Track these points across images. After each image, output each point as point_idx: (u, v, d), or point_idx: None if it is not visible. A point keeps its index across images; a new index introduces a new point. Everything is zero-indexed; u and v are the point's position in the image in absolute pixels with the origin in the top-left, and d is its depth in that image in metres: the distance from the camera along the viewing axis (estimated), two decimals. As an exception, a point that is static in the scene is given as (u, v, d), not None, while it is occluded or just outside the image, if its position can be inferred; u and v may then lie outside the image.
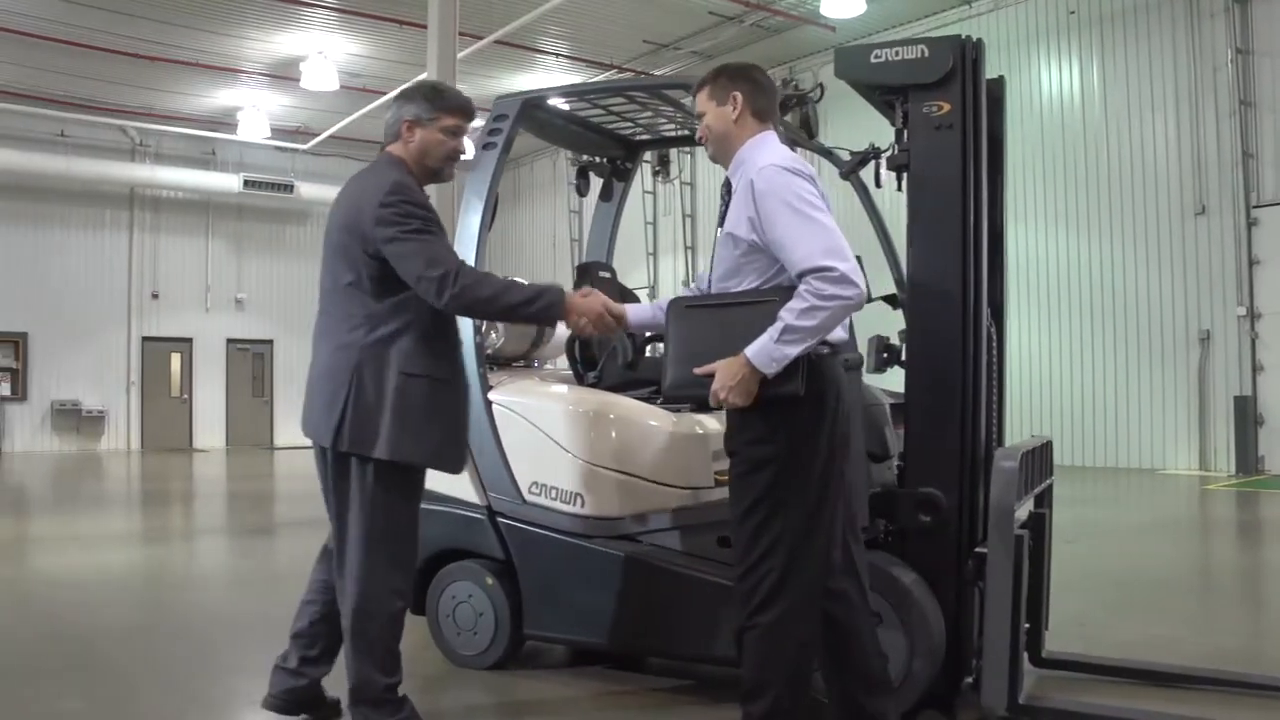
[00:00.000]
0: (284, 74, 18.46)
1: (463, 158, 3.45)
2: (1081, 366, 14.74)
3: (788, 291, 2.83)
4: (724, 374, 2.84)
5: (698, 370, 2.89)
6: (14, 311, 21.06)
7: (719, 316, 2.95)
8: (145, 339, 22.60)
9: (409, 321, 3.22)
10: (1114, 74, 14.47)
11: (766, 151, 3.01)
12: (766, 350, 2.79)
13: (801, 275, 2.78)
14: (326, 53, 17.56)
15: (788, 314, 2.76)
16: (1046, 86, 15.14)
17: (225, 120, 21.41)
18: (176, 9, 15.79)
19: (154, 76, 18.76)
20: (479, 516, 4.28)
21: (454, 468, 3.41)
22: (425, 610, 4.45)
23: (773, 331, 2.77)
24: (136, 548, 8.55)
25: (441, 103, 3.32)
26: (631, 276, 20.21)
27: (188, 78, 18.96)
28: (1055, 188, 14.93)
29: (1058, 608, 4.35)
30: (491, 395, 4.30)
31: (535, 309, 3.23)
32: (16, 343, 21.28)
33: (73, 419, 21.70)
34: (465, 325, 4.21)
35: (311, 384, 3.30)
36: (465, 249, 4.40)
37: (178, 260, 23.04)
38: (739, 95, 3.08)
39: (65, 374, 21.68)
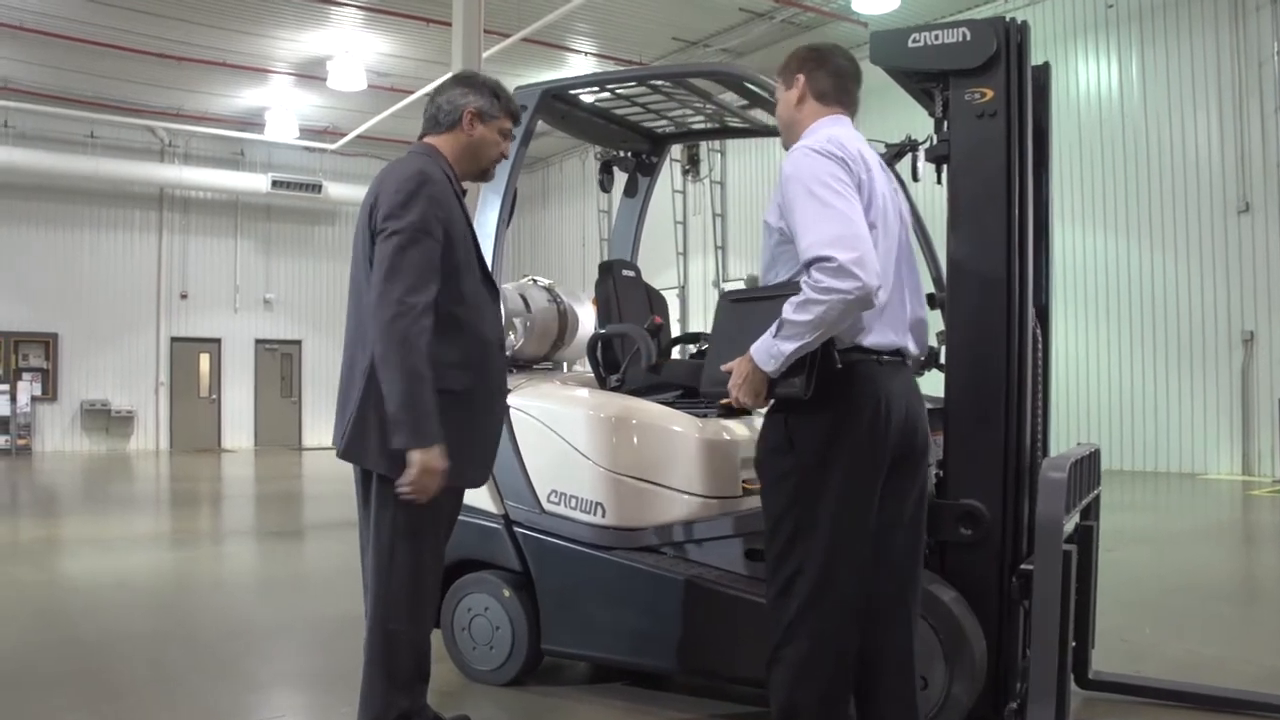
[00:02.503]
0: (311, 73, 18.43)
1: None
2: (1120, 368, 14.42)
3: None
4: (736, 372, 2.66)
5: (723, 367, 2.72)
6: (44, 312, 21.21)
7: (751, 310, 2.76)
8: (174, 339, 22.68)
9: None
10: (1154, 69, 14.14)
11: (815, 135, 2.80)
12: (765, 346, 2.59)
13: (806, 266, 2.56)
14: (353, 52, 17.51)
15: (788, 307, 2.55)
16: (1084, 82, 14.81)
17: (253, 120, 21.45)
18: (204, 9, 15.79)
19: (182, 77, 18.79)
20: (496, 526, 4.12)
21: (470, 483, 3.21)
22: (440, 622, 4.28)
23: (774, 326, 2.58)
24: (158, 551, 8.45)
25: (504, 104, 3.16)
26: (661, 276, 20.04)
27: (216, 78, 18.98)
28: (1094, 186, 14.61)
29: (1100, 621, 4.13)
30: (509, 399, 4.12)
31: (406, 417, 2.80)
32: (47, 343, 21.41)
33: (102, 419, 21.80)
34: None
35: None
36: (482, 246, 4.21)
37: (206, 261, 23.10)
38: (801, 77, 2.92)
39: (95, 374, 21.78)
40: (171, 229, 22.69)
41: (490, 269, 4.21)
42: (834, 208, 2.58)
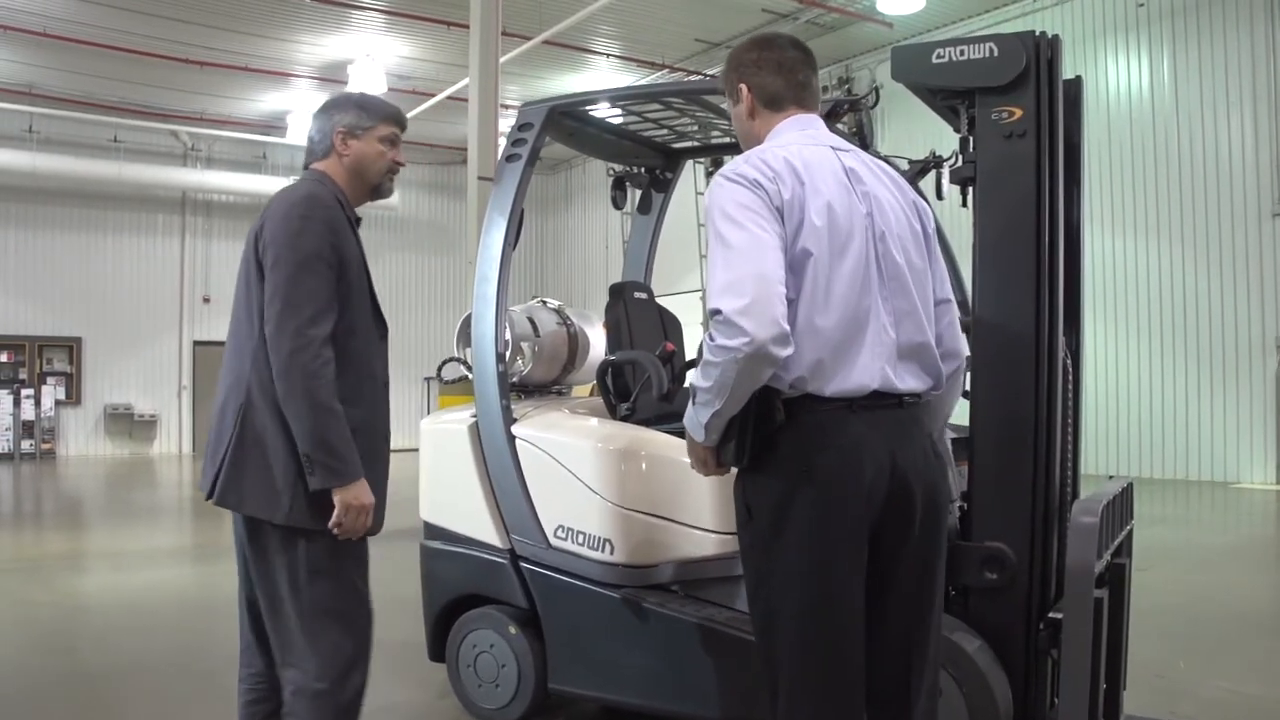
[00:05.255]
0: (332, 77, 18.38)
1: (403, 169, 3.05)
2: (1151, 375, 14.13)
3: None
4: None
5: None
6: (68, 316, 21.27)
7: None
8: (197, 343, 22.64)
9: None
10: (1186, 69, 13.84)
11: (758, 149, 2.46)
12: (689, 415, 2.36)
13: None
14: (374, 55, 17.46)
15: (694, 372, 2.30)
16: (1114, 84, 14.52)
17: (275, 124, 21.46)
18: (226, 14, 15.79)
19: (205, 81, 18.80)
20: (501, 561, 3.98)
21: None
22: (445, 658, 4.15)
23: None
24: (175, 567, 8.35)
25: (377, 111, 2.95)
26: (684, 280, 19.84)
27: (238, 82, 18.99)
28: (1124, 190, 14.33)
29: (1131, 652, 3.91)
30: (515, 429, 3.97)
31: (321, 456, 2.60)
32: (71, 347, 21.47)
33: (125, 423, 21.84)
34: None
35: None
36: (487, 268, 4.07)
37: (229, 264, 22.84)
38: (744, 86, 2.58)
39: (118, 378, 21.83)
40: (194, 233, 22.70)
41: (501, 284, 4.04)
42: (732, 247, 2.24)
